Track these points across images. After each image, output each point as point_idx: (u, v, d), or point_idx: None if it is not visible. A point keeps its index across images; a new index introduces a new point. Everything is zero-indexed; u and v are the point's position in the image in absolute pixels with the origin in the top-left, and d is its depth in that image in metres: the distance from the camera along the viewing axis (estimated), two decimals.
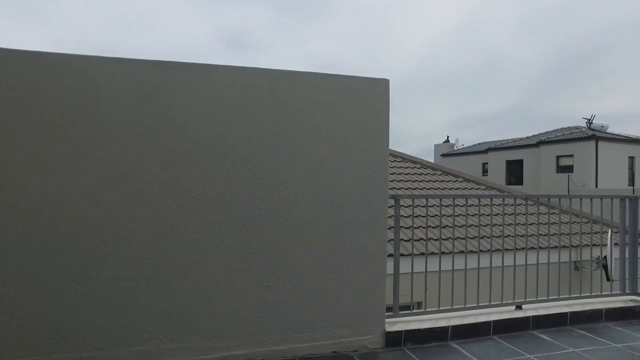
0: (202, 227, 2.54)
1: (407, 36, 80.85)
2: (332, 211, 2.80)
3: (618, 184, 23.63)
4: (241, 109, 2.64)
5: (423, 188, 9.01)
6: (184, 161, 2.52)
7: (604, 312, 3.57)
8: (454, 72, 73.44)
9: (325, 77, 2.86)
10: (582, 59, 61.43)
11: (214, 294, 2.57)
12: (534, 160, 27.89)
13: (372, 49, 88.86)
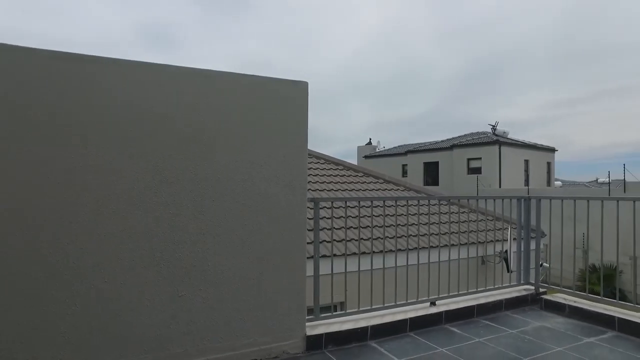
0: (108, 235, 2.33)
1: (335, 40, 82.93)
2: (250, 215, 2.73)
3: (516, 184, 26.27)
4: (151, 108, 2.47)
5: (345, 190, 9.23)
6: (92, 164, 2.29)
7: (504, 302, 3.90)
8: (377, 77, 76.51)
9: (244, 78, 2.78)
10: (490, 70, 67.51)
11: (122, 306, 2.37)
12: (448, 163, 29.96)
13: (301, 51, 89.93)
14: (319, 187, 9.13)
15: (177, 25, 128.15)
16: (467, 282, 3.95)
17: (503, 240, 6.53)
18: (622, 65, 57.99)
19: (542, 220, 4.19)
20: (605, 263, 13.88)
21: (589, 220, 3.71)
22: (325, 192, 8.87)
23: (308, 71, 76.68)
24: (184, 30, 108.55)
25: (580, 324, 3.55)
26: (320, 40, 72.68)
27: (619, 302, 3.57)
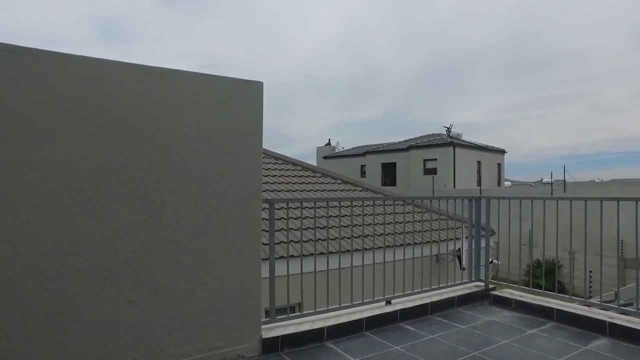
0: (49, 240, 2.20)
1: (296, 40, 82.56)
2: (204, 217, 2.66)
3: (470, 184, 27.34)
4: (100, 106, 2.35)
5: (304, 190, 9.23)
6: (29, 164, 2.15)
7: (456, 299, 4.04)
8: (337, 78, 77.08)
9: (197, 77, 2.71)
10: (446, 75, 69.97)
11: (65, 315, 2.24)
12: (405, 163, 30.70)
13: (261, 51, 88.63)
14: (277, 187, 9.08)
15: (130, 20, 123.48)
16: (421, 280, 4.05)
17: (456, 239, 6.76)
18: (563, 74, 61.90)
19: (493, 219, 4.38)
20: (547, 258, 14.66)
21: (532, 218, 3.92)
22: (283, 193, 8.83)
23: (268, 71, 76.18)
24: (138, 25, 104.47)
25: (525, 317, 3.74)
26: (281, 40, 72.40)
27: (558, 295, 3.80)
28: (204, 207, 2.67)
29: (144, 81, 2.50)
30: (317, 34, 72.68)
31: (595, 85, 58.75)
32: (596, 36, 56.21)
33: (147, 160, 2.48)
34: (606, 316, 3.34)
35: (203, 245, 2.66)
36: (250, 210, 2.83)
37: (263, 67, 77.41)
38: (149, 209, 2.48)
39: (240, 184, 2.80)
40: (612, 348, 3.03)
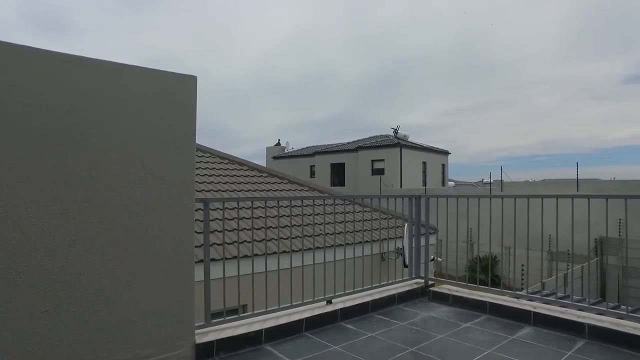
0: None
1: (247, 39, 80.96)
2: (129, 218, 2.49)
3: (416, 184, 28.25)
4: (14, 96, 2.12)
5: (249, 190, 9.06)
6: None
7: (396, 296, 4.11)
8: (289, 78, 76.67)
9: (126, 69, 2.53)
10: (395, 78, 71.86)
11: None
12: (353, 164, 31.19)
13: (213, 49, 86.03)
14: (222, 187, 8.84)
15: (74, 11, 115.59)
16: (362, 279, 4.08)
17: (399, 237, 6.91)
18: (501, 81, 65.83)
19: (437, 217, 4.48)
20: (486, 254, 15.39)
21: (468, 215, 4.06)
22: (227, 193, 8.61)
23: (219, 70, 74.04)
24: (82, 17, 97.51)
25: (461, 311, 3.86)
26: (233, 39, 70.72)
27: (491, 289, 3.96)
28: (129, 206, 2.50)
29: (66, 71, 2.29)
30: (270, 34, 71.85)
31: (529, 93, 63.08)
32: (528, 48, 60.41)
33: (63, 156, 2.27)
34: (531, 306, 3.53)
35: (128, 248, 2.49)
36: (181, 210, 2.69)
37: (214, 66, 75.33)
38: (68, 208, 2.27)
39: (171, 182, 2.65)
40: (535, 335, 3.20)
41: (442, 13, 59.03)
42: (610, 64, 58.30)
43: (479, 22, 60.98)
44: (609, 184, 18.73)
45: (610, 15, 51.36)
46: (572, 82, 64.85)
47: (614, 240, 13.31)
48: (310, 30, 65.12)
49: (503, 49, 60.45)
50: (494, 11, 60.24)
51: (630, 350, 2.90)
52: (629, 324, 3.07)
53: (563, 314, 3.34)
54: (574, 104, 64.14)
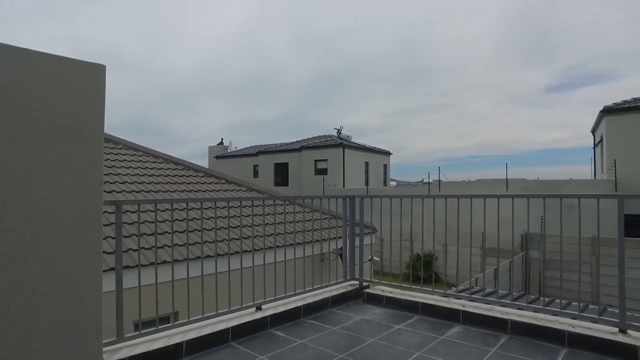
0: None
1: (193, 36, 77.44)
2: (21, 223, 2.15)
3: (358, 184, 28.71)
4: None
5: (184, 191, 8.61)
6: None
7: (330, 299, 4.00)
8: (235, 77, 74.50)
9: (19, 53, 2.19)
10: (340, 79, 72.57)
11: None
12: (297, 164, 31.08)
13: (155, 45, 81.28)
14: (154, 187, 8.33)
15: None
16: (296, 282, 3.94)
17: (339, 238, 6.86)
18: (442, 86, 68.88)
19: (372, 216, 4.44)
20: (425, 251, 15.86)
21: (400, 214, 4.05)
22: (160, 194, 8.13)
23: (162, 67, 70.32)
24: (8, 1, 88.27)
25: (394, 312, 3.84)
26: (177, 36, 67.50)
27: (422, 289, 3.98)
28: (21, 209, 2.16)
29: None
30: (216, 32, 69.34)
31: (465, 97, 66.65)
32: (466, 55, 63.84)
33: None
34: (461, 305, 3.58)
35: (20, 258, 2.15)
36: (86, 213, 2.38)
37: (156, 62, 71.31)
38: None
39: (74, 181, 2.34)
40: (463, 334, 3.24)
41: (386, 17, 60.61)
42: (535, 74, 63.01)
43: (420, 27, 63.40)
44: (532, 183, 20.10)
45: (536, 29, 55.54)
46: (502, 89, 69.33)
47: (536, 235, 14.26)
48: (257, 29, 63.91)
49: (443, 55, 63.37)
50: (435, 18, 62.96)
51: (547, 342, 3.01)
52: (546, 318, 3.19)
53: (489, 311, 3.41)
54: (505, 109, 68.58)
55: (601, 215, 3.30)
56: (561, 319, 3.15)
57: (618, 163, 17.82)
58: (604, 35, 53.54)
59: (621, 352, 2.77)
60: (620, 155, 18.13)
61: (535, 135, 72.17)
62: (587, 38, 55.10)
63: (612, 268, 3.56)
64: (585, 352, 2.88)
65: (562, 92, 70.54)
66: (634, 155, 17.91)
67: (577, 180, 19.59)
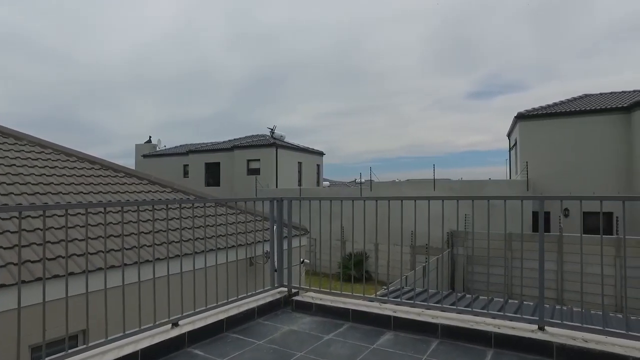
0: None
1: (121, 28, 71.33)
2: None
3: (291, 184, 28.53)
4: None
5: (99, 192, 7.81)
6: None
7: (256, 309, 3.72)
8: (167, 73, 70.14)
9: None
10: (274, 79, 71.71)
11: None
12: (229, 163, 30.21)
13: (78, 32, 73.34)
14: (64, 189, 7.46)
15: None
16: (226, 291, 3.60)
17: (266, 241, 6.58)
18: (375, 88, 70.95)
19: (311, 218, 4.23)
20: (358, 251, 16.09)
21: (330, 215, 3.88)
22: (70, 196, 7.29)
23: (86, 58, 64.14)
24: None
25: (324, 321, 3.65)
26: (104, 25, 61.92)
27: (353, 295, 3.84)
28: None
29: None
30: (147, 21, 64.77)
31: (396, 101, 69.24)
32: (397, 60, 66.34)
33: None
34: (391, 310, 3.48)
35: None
36: None
37: (80, 52, 64.83)
38: None
39: None
40: (394, 341, 3.13)
41: (322, 19, 61.04)
42: (458, 81, 67.23)
43: (354, 31, 64.73)
44: (457, 183, 21.25)
45: (458, 40, 59.21)
46: (428, 94, 73.07)
47: (461, 233, 15.03)
48: (190, 22, 60.88)
49: (375, 59, 65.27)
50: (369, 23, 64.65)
51: (476, 345, 2.99)
52: (474, 319, 3.18)
53: (420, 315, 3.33)
54: (431, 113, 72.29)
55: (516, 213, 3.40)
56: (488, 320, 3.15)
57: (529, 165, 19.37)
58: (515, 49, 58.59)
59: (540, 349, 2.82)
60: (531, 157, 19.73)
61: (459, 138, 77.08)
62: (501, 51, 59.82)
63: (529, 262, 3.67)
64: (509, 351, 2.90)
65: (481, 99, 76.08)
66: (543, 157, 19.59)
67: (495, 181, 21.02)
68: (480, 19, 55.54)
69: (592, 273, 6.01)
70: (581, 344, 2.74)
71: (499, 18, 54.92)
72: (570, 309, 4.80)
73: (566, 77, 57.99)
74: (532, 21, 53.01)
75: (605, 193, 16.88)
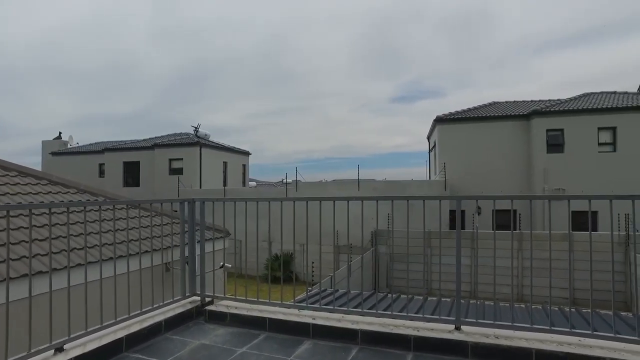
0: None
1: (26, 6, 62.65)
2: None
3: (216, 185, 27.58)
4: None
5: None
6: None
7: (163, 323, 3.34)
8: (82, 64, 63.60)
9: None
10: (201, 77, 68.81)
11: None
12: (149, 163, 28.46)
13: None
14: None
15: None
16: (127, 304, 3.18)
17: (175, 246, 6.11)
18: (303, 89, 71.23)
19: (236, 220, 3.92)
20: (284, 251, 15.78)
21: (257, 215, 3.62)
22: None
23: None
24: None
25: (239, 332, 3.38)
26: (9, 9, 54.17)
27: (270, 302, 3.61)
28: None
29: None
30: (59, 5, 57.99)
31: (324, 102, 70.21)
32: (326, 62, 67.31)
33: None
34: (311, 317, 3.30)
35: None
36: None
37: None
38: None
39: None
40: (313, 351, 2.96)
41: (251, 18, 59.86)
42: (383, 85, 69.98)
43: (283, 31, 64.43)
44: (380, 183, 21.91)
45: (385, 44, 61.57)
46: (356, 97, 75.17)
47: (384, 232, 15.47)
48: (112, 12, 55.93)
49: (305, 60, 65.54)
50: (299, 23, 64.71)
51: (396, 349, 2.92)
52: (393, 323, 3.11)
53: (339, 321, 3.20)
54: (358, 116, 74.36)
55: (435, 212, 3.43)
56: (407, 322, 3.10)
57: (447, 166, 20.55)
58: (435, 58, 62.40)
59: (456, 349, 2.82)
60: (449, 159, 20.95)
61: (384, 140, 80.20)
62: (423, 59, 63.39)
63: (447, 258, 3.71)
64: (428, 354, 2.86)
65: (404, 103, 79.90)
66: (459, 159, 20.90)
67: (416, 181, 22.03)
68: (404, 28, 58.33)
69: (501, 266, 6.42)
70: (493, 340, 2.78)
71: (422, 28, 58.15)
72: (483, 303, 5.02)
73: (479, 86, 62.98)
74: (451, 34, 56.90)
75: (511, 192, 18.42)
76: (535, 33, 53.02)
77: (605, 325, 3.83)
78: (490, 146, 20.58)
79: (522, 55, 61.71)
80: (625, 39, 50.87)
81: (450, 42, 58.69)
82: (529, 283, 14.43)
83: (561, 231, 14.05)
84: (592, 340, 2.71)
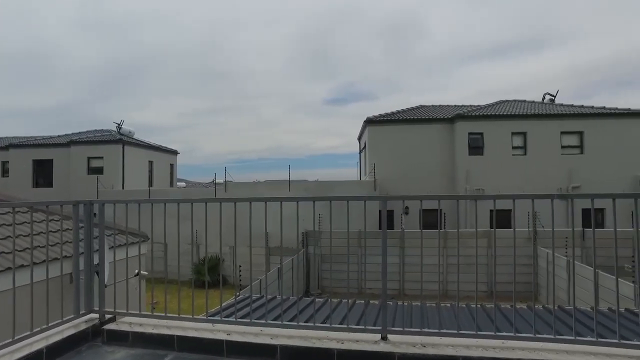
0: None
1: None
2: None
3: (141, 185, 25.87)
4: None
5: None
6: None
7: (45, 351, 2.80)
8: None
9: None
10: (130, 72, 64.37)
11: None
12: (65, 161, 25.99)
13: None
14: None
15: None
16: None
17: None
18: (238, 89, 69.63)
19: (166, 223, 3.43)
20: (213, 254, 15.09)
21: (178, 217, 3.19)
22: None
23: None
24: None
25: (142, 353, 2.94)
26: None
27: (180, 317, 3.20)
28: None
29: None
30: None
31: (258, 103, 69.23)
32: (261, 63, 66.40)
33: None
34: (225, 333, 2.94)
35: None
36: None
37: None
38: None
39: None
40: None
41: (185, 14, 57.13)
42: (317, 87, 70.54)
43: (218, 29, 62.41)
44: (312, 184, 21.84)
45: (320, 47, 62.11)
46: (291, 98, 75.01)
47: (315, 233, 15.36)
48: None
49: (239, 59, 64.00)
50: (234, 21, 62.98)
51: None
52: (316, 336, 2.85)
53: (257, 336, 2.87)
54: (293, 117, 74.33)
55: (364, 212, 3.28)
56: (331, 334, 2.86)
57: (377, 166, 20.99)
58: (368, 63, 64.12)
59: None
60: (378, 159, 21.42)
61: (317, 141, 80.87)
62: (356, 63, 64.83)
63: (375, 257, 3.56)
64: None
65: (337, 105, 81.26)
66: (388, 160, 21.44)
67: (348, 181, 22.27)
68: (337, 31, 59.19)
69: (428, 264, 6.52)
70: (420, 349, 2.63)
71: (354, 33, 59.35)
72: (410, 305, 4.97)
73: (408, 91, 65.85)
74: (382, 41, 58.69)
75: (436, 192, 19.23)
76: (459, 46, 56.69)
77: (525, 325, 3.88)
78: (418, 148, 21.34)
79: (448, 65, 65.57)
80: (535, 53, 56.03)
81: (383, 49, 60.66)
82: (454, 279, 15.15)
83: (482, 229, 14.85)
84: (514, 342, 2.67)
